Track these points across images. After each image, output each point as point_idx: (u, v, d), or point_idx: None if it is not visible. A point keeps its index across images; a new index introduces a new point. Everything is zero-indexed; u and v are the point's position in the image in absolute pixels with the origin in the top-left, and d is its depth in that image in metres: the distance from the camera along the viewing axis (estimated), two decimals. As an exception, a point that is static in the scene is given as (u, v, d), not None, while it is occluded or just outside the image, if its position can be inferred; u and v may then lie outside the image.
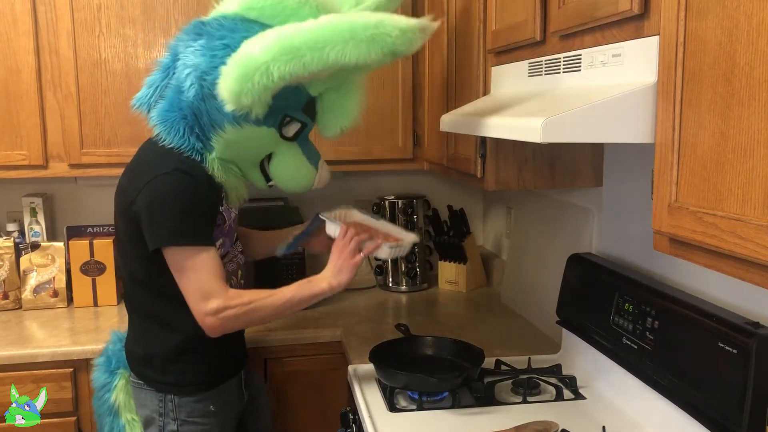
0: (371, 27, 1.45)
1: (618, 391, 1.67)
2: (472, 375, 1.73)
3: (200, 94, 1.58)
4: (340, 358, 2.22)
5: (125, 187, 1.69)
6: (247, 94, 1.48)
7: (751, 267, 0.89)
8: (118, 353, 1.85)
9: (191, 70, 1.58)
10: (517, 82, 1.62)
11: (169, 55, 1.69)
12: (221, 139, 1.63)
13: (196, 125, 1.63)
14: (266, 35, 1.50)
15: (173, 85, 1.63)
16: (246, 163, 1.74)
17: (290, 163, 1.73)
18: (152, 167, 1.63)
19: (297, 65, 1.45)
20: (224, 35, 1.57)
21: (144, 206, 1.60)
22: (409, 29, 1.48)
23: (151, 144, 1.69)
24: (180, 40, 1.67)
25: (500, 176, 1.82)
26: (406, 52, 1.51)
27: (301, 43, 1.45)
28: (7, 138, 2.34)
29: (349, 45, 1.44)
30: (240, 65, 1.48)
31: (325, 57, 1.45)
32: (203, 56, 1.57)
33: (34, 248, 2.52)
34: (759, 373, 1.21)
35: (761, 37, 0.84)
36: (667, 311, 1.46)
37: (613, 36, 1.21)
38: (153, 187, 1.59)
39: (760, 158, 0.85)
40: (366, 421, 1.61)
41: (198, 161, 1.64)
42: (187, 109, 1.62)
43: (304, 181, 1.77)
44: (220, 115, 1.58)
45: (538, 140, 1.13)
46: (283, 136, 1.68)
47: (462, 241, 2.65)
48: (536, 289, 2.26)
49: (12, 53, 2.31)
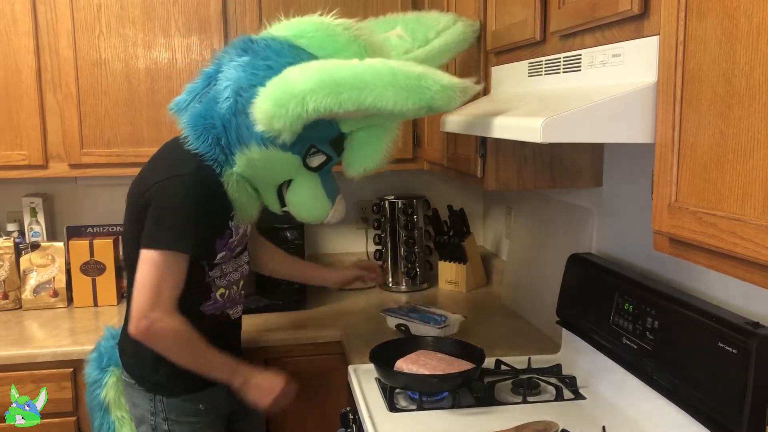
0: (413, 77, 1.44)
1: (618, 391, 1.67)
2: (472, 375, 1.73)
3: (234, 109, 1.59)
4: (340, 358, 2.22)
5: (145, 176, 1.72)
6: (280, 119, 1.48)
7: (751, 267, 0.89)
8: (110, 350, 1.86)
9: (230, 83, 1.59)
10: (517, 82, 1.62)
11: (214, 65, 1.70)
12: (245, 156, 1.63)
13: (224, 137, 1.63)
14: (310, 65, 1.50)
15: (210, 95, 1.64)
16: (264, 184, 1.74)
17: (307, 193, 1.73)
18: (172, 165, 1.66)
19: (333, 101, 1.45)
20: (269, 56, 1.58)
21: (154, 202, 1.63)
22: (450, 87, 1.46)
23: (176, 142, 1.71)
24: (226, 53, 1.68)
25: (500, 176, 1.82)
26: (444, 108, 1.49)
27: (341, 79, 1.45)
28: (7, 138, 2.34)
29: (389, 91, 1.44)
30: (278, 89, 1.48)
31: (363, 98, 1.44)
32: (244, 72, 1.58)
33: (34, 248, 2.52)
34: (759, 373, 1.21)
35: (761, 37, 0.84)
36: (667, 311, 1.46)
37: (613, 36, 1.21)
38: (165, 187, 1.63)
39: (760, 158, 0.85)
40: (366, 421, 1.61)
41: (216, 172, 1.65)
42: (218, 120, 1.62)
43: (318, 213, 1.77)
44: (249, 132, 1.59)
45: (538, 140, 1.13)
46: (307, 165, 1.68)
47: (462, 241, 2.65)
48: (536, 289, 2.26)
49: (12, 53, 2.31)
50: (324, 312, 2.46)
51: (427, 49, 1.77)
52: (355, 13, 2.46)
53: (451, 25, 1.81)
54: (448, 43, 1.78)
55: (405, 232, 2.73)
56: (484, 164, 1.82)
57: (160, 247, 1.60)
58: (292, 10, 2.42)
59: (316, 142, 1.66)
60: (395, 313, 2.20)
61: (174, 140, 1.74)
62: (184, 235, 1.62)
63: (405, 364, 1.78)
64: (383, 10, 2.47)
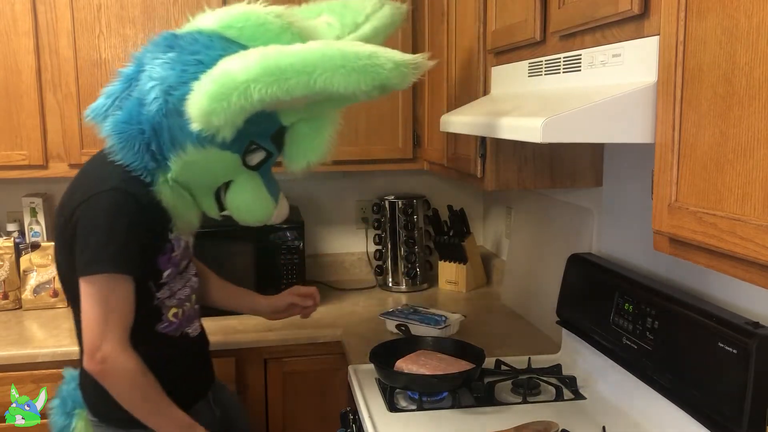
0: (364, 57, 1.37)
1: (618, 391, 1.67)
2: (472, 375, 1.73)
3: (164, 109, 1.46)
4: (340, 358, 2.22)
5: (66, 200, 1.57)
6: (220, 114, 1.37)
7: (751, 267, 0.89)
8: (73, 393, 1.70)
9: (157, 83, 1.47)
10: (517, 82, 1.62)
11: (133, 65, 1.57)
12: (180, 159, 1.51)
13: (154, 142, 1.50)
14: (249, 54, 1.39)
15: (134, 97, 1.51)
16: (201, 188, 1.62)
17: (249, 194, 1.62)
18: (93, 183, 1.52)
19: (281, 88, 1.35)
20: (198, 50, 1.47)
21: (78, 223, 1.49)
22: (403, 64, 1.39)
23: (99, 157, 1.58)
24: (147, 51, 1.55)
25: (500, 176, 1.82)
26: (398, 87, 1.42)
27: (287, 65, 1.35)
28: (7, 138, 2.34)
29: (339, 73, 1.35)
30: (216, 83, 1.37)
31: (312, 83, 1.35)
32: (172, 70, 1.46)
33: (34, 248, 2.52)
34: (759, 373, 1.21)
35: (761, 37, 0.84)
36: (667, 311, 1.46)
37: (613, 36, 1.21)
38: (89, 206, 1.48)
39: (760, 158, 0.85)
40: (366, 421, 1.61)
41: (146, 182, 1.52)
42: (146, 124, 1.49)
43: (261, 213, 1.65)
44: (183, 133, 1.47)
45: (538, 140, 1.13)
46: (246, 164, 1.57)
47: (462, 241, 2.65)
48: (536, 289, 2.26)
49: (12, 53, 2.31)
50: (324, 312, 2.46)
51: (357, 35, 1.68)
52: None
53: (379, 8, 1.72)
54: (377, 27, 1.70)
55: (405, 232, 2.73)
56: (484, 164, 1.82)
57: (97, 272, 1.46)
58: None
59: (255, 137, 1.54)
60: (395, 316, 2.20)
61: (96, 155, 1.60)
62: (118, 254, 1.47)
63: (405, 364, 1.78)
64: None
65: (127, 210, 1.49)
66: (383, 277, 2.78)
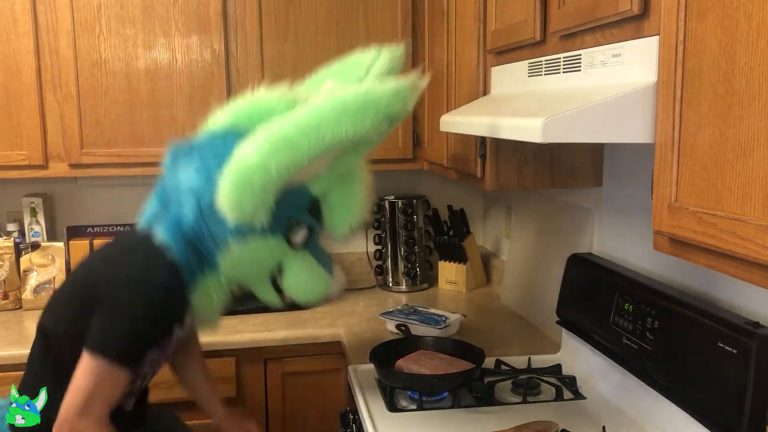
0: (360, 95, 1.39)
1: (618, 391, 1.67)
2: (472, 375, 1.73)
3: (200, 217, 1.49)
4: (340, 358, 2.22)
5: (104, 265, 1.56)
6: (248, 198, 1.39)
7: (751, 267, 0.89)
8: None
9: (187, 194, 1.51)
10: (517, 82, 1.62)
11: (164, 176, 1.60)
12: (228, 257, 1.52)
13: (200, 246, 1.52)
14: (255, 136, 1.42)
15: (172, 211, 1.54)
16: (256, 279, 1.64)
17: (303, 274, 1.61)
18: (138, 268, 1.51)
19: (295, 155, 1.37)
20: (217, 151, 1.49)
21: (109, 302, 1.48)
22: (400, 88, 1.41)
23: (148, 239, 1.54)
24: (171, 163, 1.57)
25: (500, 176, 1.82)
26: (402, 112, 1.43)
27: (293, 132, 1.38)
28: (7, 138, 2.34)
29: (343, 120, 1.37)
30: (235, 171, 1.40)
31: (321, 139, 1.37)
32: (197, 173, 1.50)
33: (34, 248, 2.52)
34: (759, 373, 1.21)
35: (761, 37, 0.84)
36: (667, 311, 1.46)
37: (613, 36, 1.21)
38: (130, 291, 1.48)
39: (760, 158, 0.85)
40: (366, 421, 1.61)
41: (187, 283, 1.52)
42: (190, 233, 1.51)
43: (320, 290, 1.65)
44: (223, 232, 1.49)
45: (538, 140, 1.13)
46: (291, 244, 1.56)
47: (462, 241, 2.65)
48: (536, 289, 2.26)
49: (12, 53, 2.31)
50: (324, 312, 2.46)
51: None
52: (355, 13, 2.47)
53: (377, 58, 1.74)
54: (381, 74, 1.71)
55: (405, 232, 2.73)
56: (484, 164, 1.82)
57: (105, 356, 1.45)
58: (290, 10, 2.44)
59: (293, 214, 1.55)
60: (395, 316, 2.20)
61: (144, 234, 1.56)
62: (131, 350, 1.48)
63: (405, 364, 1.78)
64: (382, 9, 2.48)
65: (157, 314, 1.49)
66: (383, 277, 2.78)
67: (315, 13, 2.45)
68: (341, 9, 2.47)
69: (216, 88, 2.42)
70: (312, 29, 2.46)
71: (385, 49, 1.74)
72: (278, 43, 2.45)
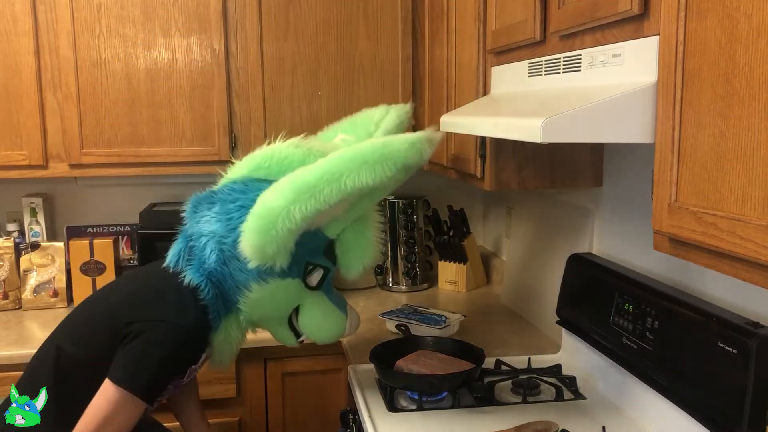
0: (379, 148, 1.48)
1: (618, 391, 1.67)
2: (472, 375, 1.73)
3: (222, 259, 1.57)
4: (340, 358, 2.22)
5: (135, 302, 1.61)
6: (272, 243, 1.48)
7: (751, 267, 0.89)
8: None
9: (209, 237, 1.58)
10: (517, 82, 1.62)
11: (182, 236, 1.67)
12: (248, 300, 1.61)
13: (222, 291, 1.61)
14: (279, 183, 1.51)
15: (196, 256, 1.61)
16: (274, 321, 1.72)
17: (319, 314, 1.72)
18: (173, 307, 1.57)
19: (317, 201, 1.46)
20: (237, 198, 1.58)
21: (138, 338, 1.52)
22: (417, 141, 1.51)
23: (178, 278, 1.61)
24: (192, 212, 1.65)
25: (500, 176, 1.82)
26: (418, 163, 1.54)
27: (315, 180, 1.46)
28: (7, 138, 2.34)
29: (363, 169, 1.47)
30: (260, 217, 1.48)
31: (343, 186, 1.46)
32: (219, 222, 1.58)
33: (34, 248, 2.52)
34: (759, 373, 1.21)
35: (761, 37, 0.84)
36: (667, 311, 1.46)
37: (613, 36, 1.21)
38: (160, 330, 1.54)
39: (760, 158, 0.85)
40: (366, 421, 1.61)
41: (211, 327, 1.61)
42: (212, 277, 1.59)
43: (335, 329, 1.75)
44: (243, 275, 1.58)
45: (538, 140, 1.12)
46: (308, 285, 1.67)
47: (462, 241, 2.65)
48: (536, 289, 2.26)
49: (12, 53, 2.31)
50: (324, 312, 2.46)
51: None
52: (355, 14, 2.47)
53: (385, 114, 1.87)
54: (389, 130, 1.83)
55: (405, 232, 2.73)
56: (484, 164, 1.82)
57: (127, 389, 1.50)
58: (290, 10, 2.44)
59: (309, 258, 1.64)
60: (395, 316, 2.20)
61: (172, 273, 1.62)
62: (152, 386, 1.54)
63: (405, 364, 1.78)
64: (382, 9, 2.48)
65: (184, 355, 1.57)
66: (383, 277, 2.78)
67: (315, 13, 2.45)
68: (341, 9, 2.47)
69: (216, 88, 2.42)
70: (312, 29, 2.47)
71: (393, 107, 1.90)
72: (278, 43, 2.45)
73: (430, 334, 2.05)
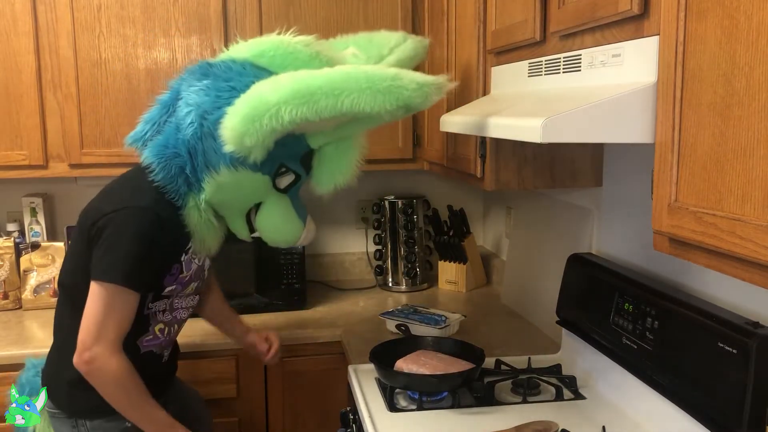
0: (388, 78, 1.43)
1: (618, 391, 1.67)
2: (472, 375, 1.73)
3: (199, 133, 1.55)
4: (340, 358, 2.22)
5: (98, 204, 1.66)
6: (252, 135, 1.45)
7: (751, 267, 0.89)
8: (32, 381, 1.78)
9: (192, 108, 1.56)
10: (517, 82, 1.62)
11: (170, 92, 1.66)
12: (213, 181, 1.59)
13: (189, 165, 1.59)
14: (280, 78, 1.48)
15: (172, 122, 1.60)
16: (233, 210, 1.70)
17: (278, 216, 1.70)
18: (126, 196, 1.62)
19: (310, 110, 1.42)
20: (231, 77, 1.55)
21: (103, 233, 1.57)
22: (426, 84, 1.46)
23: (136, 171, 1.66)
24: (183, 79, 1.64)
25: (500, 176, 1.82)
26: (421, 106, 1.49)
27: (316, 87, 1.42)
28: (7, 138, 2.34)
29: (365, 94, 1.42)
30: (249, 105, 1.45)
31: (340, 104, 1.42)
32: (207, 96, 1.55)
33: (34, 248, 2.52)
34: (759, 373, 1.21)
35: (761, 37, 0.84)
36: (667, 311, 1.46)
37: (613, 36, 1.21)
38: (119, 218, 1.57)
39: (760, 158, 0.85)
40: (366, 421, 1.61)
41: (176, 205, 1.61)
42: (182, 148, 1.58)
43: (290, 235, 1.74)
44: (216, 156, 1.55)
45: (538, 140, 1.13)
46: (276, 186, 1.65)
47: (462, 241, 2.65)
48: (536, 289, 2.26)
49: (12, 53, 2.31)
50: (324, 312, 2.46)
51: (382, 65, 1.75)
52: (355, 13, 2.47)
53: (402, 42, 1.83)
54: (401, 59, 1.79)
55: (405, 232, 2.73)
56: (484, 164, 1.82)
57: (109, 281, 1.55)
58: (290, 10, 2.44)
59: (285, 160, 1.62)
60: (395, 316, 2.20)
61: (134, 169, 1.67)
62: (133, 271, 1.56)
63: (405, 364, 1.78)
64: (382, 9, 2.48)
65: (152, 232, 1.58)
66: (383, 277, 2.78)
67: (315, 13, 2.45)
68: (341, 9, 2.47)
69: (216, 88, 2.41)
70: (312, 29, 2.45)
71: (411, 37, 1.84)
72: (278, 43, 2.44)
73: (430, 334, 2.05)
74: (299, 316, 2.40)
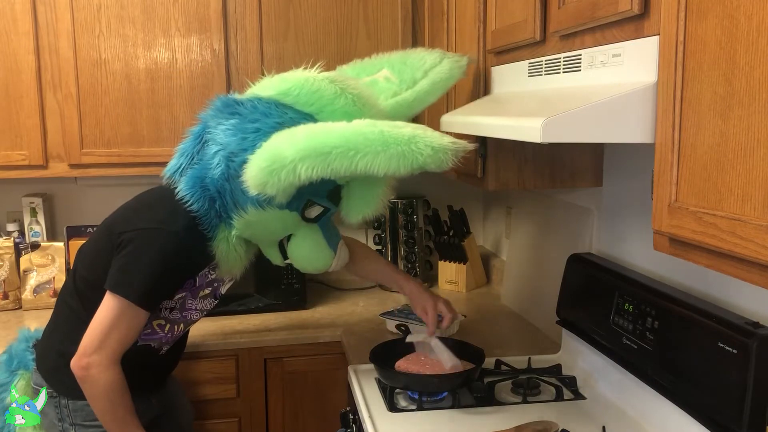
0: (403, 142, 1.42)
1: (618, 391, 1.67)
2: (472, 375, 1.73)
3: (226, 174, 1.57)
4: (340, 358, 2.22)
5: (130, 215, 1.69)
6: (272, 186, 1.46)
7: (751, 267, 0.89)
8: (21, 353, 1.82)
9: (220, 148, 1.58)
10: (517, 82, 1.62)
11: (200, 125, 1.68)
12: (242, 219, 1.61)
13: (218, 201, 1.61)
14: (297, 131, 1.48)
15: (202, 161, 1.62)
16: (265, 242, 1.74)
17: (309, 246, 1.71)
18: (159, 216, 1.63)
19: (324, 168, 1.43)
20: (257, 119, 1.56)
21: (128, 246, 1.59)
22: (441, 149, 1.43)
23: (170, 191, 1.66)
24: (212, 113, 1.65)
25: (500, 176, 1.82)
26: (436, 170, 1.47)
27: (331, 147, 1.42)
28: (7, 138, 2.34)
29: (379, 157, 1.42)
30: (268, 159, 1.46)
31: (354, 165, 1.42)
32: (234, 136, 1.56)
33: (34, 248, 2.52)
34: (759, 373, 1.21)
35: (761, 37, 0.84)
36: (667, 311, 1.46)
37: (613, 36, 1.21)
38: (148, 236, 1.60)
39: (760, 158, 0.85)
40: (366, 421, 1.61)
41: (206, 235, 1.63)
42: (211, 186, 1.60)
43: (320, 264, 1.74)
44: (243, 196, 1.57)
45: (538, 140, 1.12)
46: (305, 218, 1.66)
47: (462, 241, 2.65)
48: (536, 289, 2.26)
49: (12, 53, 2.31)
50: (324, 312, 2.46)
51: (415, 90, 1.76)
52: (355, 13, 2.47)
53: (438, 63, 1.79)
54: (436, 82, 1.77)
55: (405, 232, 2.73)
56: (484, 164, 1.82)
57: (123, 295, 1.57)
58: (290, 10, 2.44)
59: (312, 196, 1.63)
60: (395, 316, 2.20)
61: (168, 189, 1.67)
62: (149, 292, 1.59)
63: (405, 364, 1.78)
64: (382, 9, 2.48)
65: (175, 258, 1.61)
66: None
67: (315, 13, 2.45)
68: (341, 9, 2.47)
69: (216, 88, 2.42)
70: (312, 29, 2.47)
71: (448, 57, 1.81)
72: (278, 43, 2.45)
73: None
74: (299, 316, 2.40)
